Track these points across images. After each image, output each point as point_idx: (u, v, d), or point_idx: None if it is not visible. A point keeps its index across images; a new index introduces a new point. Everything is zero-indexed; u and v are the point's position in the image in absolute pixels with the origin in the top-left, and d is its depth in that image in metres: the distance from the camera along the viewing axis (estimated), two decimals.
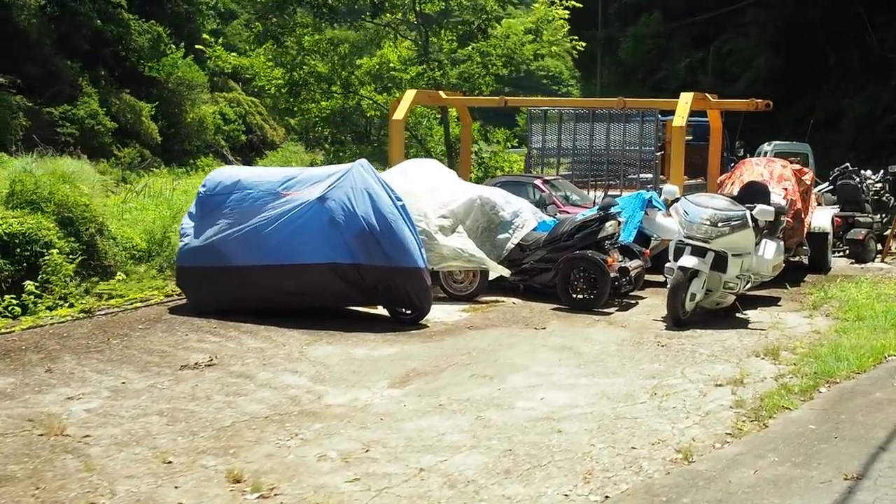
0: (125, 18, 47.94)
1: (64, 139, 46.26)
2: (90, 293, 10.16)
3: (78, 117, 47.98)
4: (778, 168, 12.03)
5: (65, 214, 11.05)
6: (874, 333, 8.85)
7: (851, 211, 14.42)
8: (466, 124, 16.47)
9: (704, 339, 8.79)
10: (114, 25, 51.12)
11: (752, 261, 9.86)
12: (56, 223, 10.88)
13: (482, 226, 10.89)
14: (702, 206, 9.54)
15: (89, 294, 10.11)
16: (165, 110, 57.88)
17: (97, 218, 11.58)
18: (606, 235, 10.56)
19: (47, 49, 46.46)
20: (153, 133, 56.07)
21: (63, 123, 46.96)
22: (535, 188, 13.38)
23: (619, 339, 8.75)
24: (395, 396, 6.84)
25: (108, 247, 11.36)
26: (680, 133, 12.85)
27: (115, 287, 10.56)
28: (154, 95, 55.52)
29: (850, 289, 11.31)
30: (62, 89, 47.77)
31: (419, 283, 9.06)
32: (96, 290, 10.39)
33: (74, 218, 11.18)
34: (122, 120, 54.25)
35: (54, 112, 46.03)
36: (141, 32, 51.77)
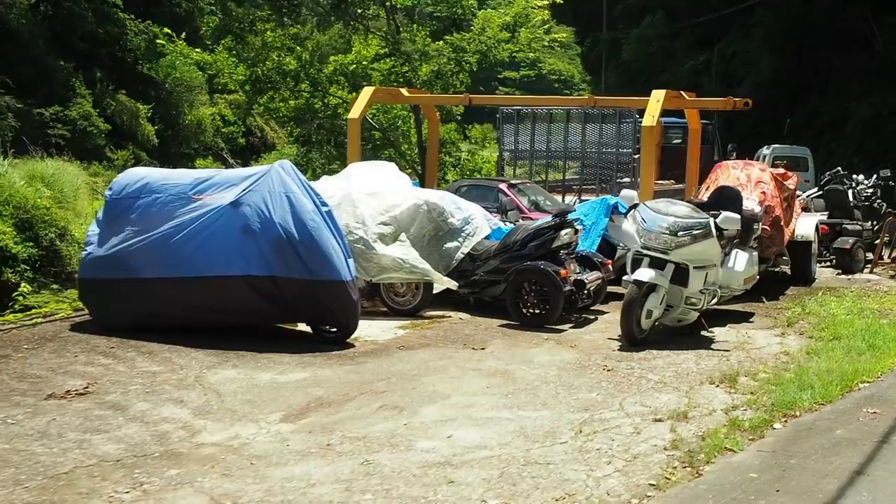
0: (121, 18, 47.25)
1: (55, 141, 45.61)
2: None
3: (70, 118, 47.28)
4: (756, 172, 11.11)
5: (22, 217, 10.39)
6: (848, 356, 7.94)
7: (839, 218, 13.44)
8: (433, 123, 15.56)
9: (658, 362, 7.87)
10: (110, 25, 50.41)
11: (718, 273, 8.93)
12: (13, 227, 10.29)
13: (429, 234, 10.00)
14: (661, 214, 8.62)
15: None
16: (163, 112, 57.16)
17: (58, 222, 10.91)
18: (562, 244, 9.65)
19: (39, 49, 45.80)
20: (150, 135, 55.38)
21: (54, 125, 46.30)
22: (500, 192, 12.46)
23: (563, 362, 7.84)
24: (283, 433, 5.95)
25: (72, 252, 10.64)
26: (650, 134, 11.92)
27: (33, 300, 9.74)
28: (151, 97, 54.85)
29: (831, 303, 10.37)
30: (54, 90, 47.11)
31: (344, 298, 8.17)
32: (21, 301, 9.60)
33: (33, 222, 10.57)
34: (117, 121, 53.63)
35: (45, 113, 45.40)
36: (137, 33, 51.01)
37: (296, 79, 18.17)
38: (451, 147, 19.24)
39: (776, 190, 11.09)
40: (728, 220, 8.58)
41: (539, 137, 14.37)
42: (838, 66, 39.53)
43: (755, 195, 10.74)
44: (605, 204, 10.69)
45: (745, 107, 12.78)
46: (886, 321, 9.55)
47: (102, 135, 50.53)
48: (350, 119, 13.63)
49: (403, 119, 18.90)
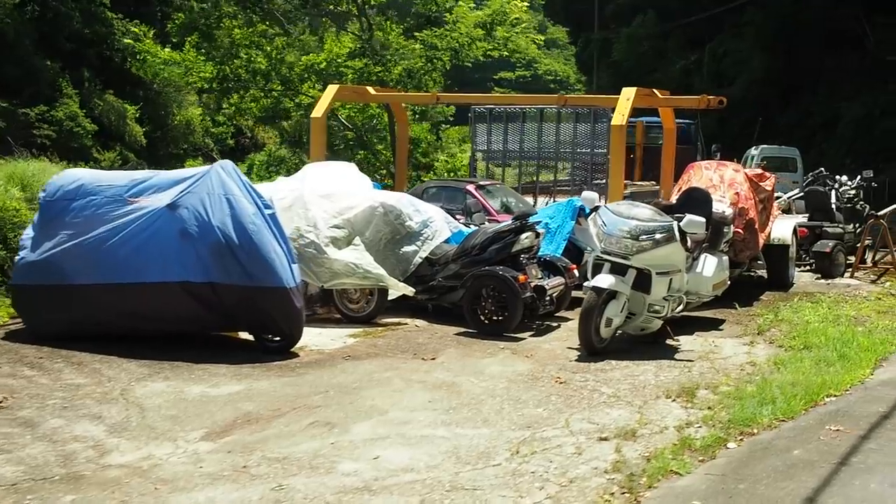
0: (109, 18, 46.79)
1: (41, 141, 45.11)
2: None
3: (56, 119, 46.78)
4: (729, 173, 10.70)
5: None
6: (817, 367, 7.53)
7: (820, 220, 13.02)
8: (403, 123, 15.13)
9: (615, 373, 7.46)
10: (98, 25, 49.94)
11: (683, 279, 8.52)
12: None
13: (385, 237, 9.58)
14: (622, 217, 8.22)
15: None
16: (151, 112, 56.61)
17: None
18: (522, 249, 9.24)
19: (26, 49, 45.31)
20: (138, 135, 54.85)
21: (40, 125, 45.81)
22: (467, 194, 12.05)
23: (515, 374, 7.43)
24: (199, 453, 5.54)
25: None
26: (619, 132, 11.50)
27: None
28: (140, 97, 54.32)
29: (806, 310, 9.97)
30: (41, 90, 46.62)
31: (286, 306, 7.76)
32: None
33: (2, 223, 10.17)
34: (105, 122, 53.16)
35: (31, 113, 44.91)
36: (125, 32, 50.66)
37: (266, 77, 17.75)
38: (426, 147, 18.81)
39: (751, 191, 10.69)
40: (692, 223, 8.17)
41: (512, 137, 13.95)
42: (830, 66, 39.13)
43: (728, 196, 10.34)
44: (572, 206, 10.28)
45: (720, 105, 12.38)
46: (862, 329, 9.15)
47: (89, 135, 50.01)
48: (313, 118, 13.21)
49: (379, 118, 18.47)
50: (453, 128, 20.07)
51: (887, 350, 8.31)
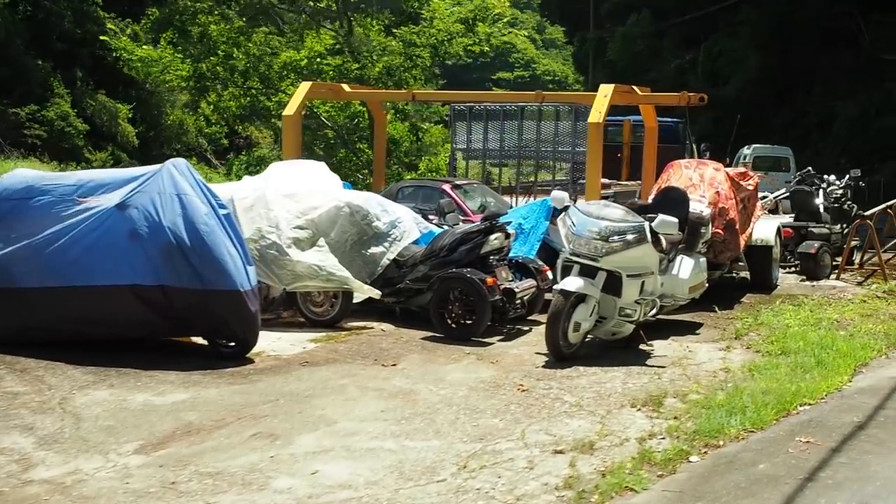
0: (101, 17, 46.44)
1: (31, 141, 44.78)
2: None
3: (47, 119, 46.44)
4: (709, 172, 10.39)
5: None
6: (793, 373, 7.23)
7: (805, 220, 12.70)
8: (380, 122, 14.83)
9: (581, 380, 7.15)
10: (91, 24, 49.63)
11: (656, 282, 8.21)
12: None
13: (352, 238, 9.27)
14: (591, 217, 7.90)
15: None
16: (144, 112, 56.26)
17: None
18: (492, 250, 8.93)
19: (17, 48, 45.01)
20: (130, 136, 54.53)
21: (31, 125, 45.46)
22: (443, 193, 11.73)
23: (477, 381, 7.11)
24: (130, 467, 5.23)
25: None
26: (596, 130, 11.19)
27: None
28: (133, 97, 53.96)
29: (787, 313, 9.67)
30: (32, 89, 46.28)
31: (240, 310, 7.45)
32: None
33: None
34: (97, 122, 52.78)
35: (21, 113, 44.56)
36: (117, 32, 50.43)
37: (244, 75, 17.43)
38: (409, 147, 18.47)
39: (731, 191, 10.38)
40: (664, 223, 7.85)
41: (492, 136, 13.64)
42: (825, 65, 38.82)
43: (708, 196, 10.04)
44: (546, 206, 9.96)
45: (701, 102, 12.08)
46: (843, 333, 8.85)
47: (81, 135, 49.71)
48: (285, 116, 12.90)
49: (361, 117, 18.15)
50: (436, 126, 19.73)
51: (868, 356, 8.01)
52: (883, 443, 5.68)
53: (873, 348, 8.24)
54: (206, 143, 56.62)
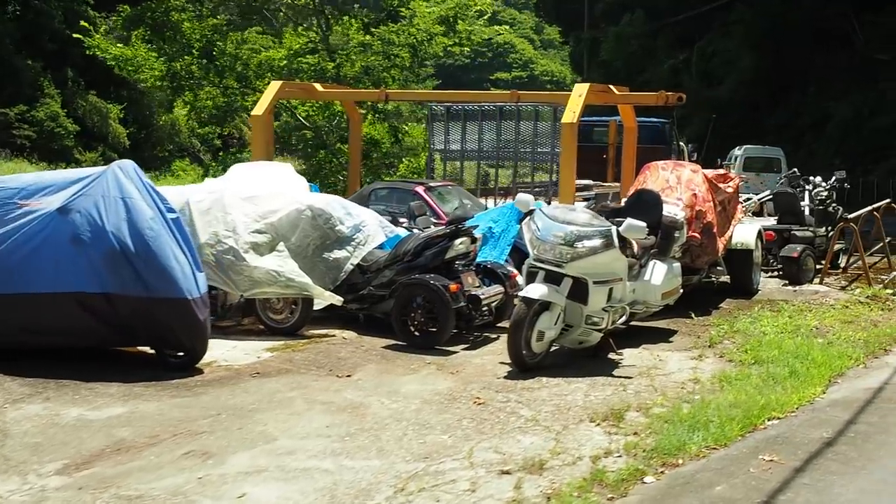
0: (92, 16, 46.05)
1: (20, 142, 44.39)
2: None
3: (37, 119, 46.14)
4: (686, 173, 10.08)
5: None
6: (764, 385, 6.93)
7: (789, 223, 12.38)
8: (355, 123, 14.52)
9: (542, 392, 6.83)
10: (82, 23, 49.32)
11: (625, 289, 7.89)
12: None
13: (314, 243, 8.95)
14: (556, 222, 7.59)
15: None
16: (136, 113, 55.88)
17: None
18: (457, 255, 8.61)
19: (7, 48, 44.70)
20: (121, 136, 54.18)
21: (20, 125, 45.10)
22: (416, 195, 11.41)
23: (433, 393, 6.80)
24: (47, 489, 4.92)
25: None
26: (570, 131, 10.86)
27: None
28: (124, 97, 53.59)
29: (765, 319, 9.35)
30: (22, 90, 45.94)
31: (188, 318, 7.13)
32: None
33: None
34: (88, 122, 52.42)
35: (10, 113, 44.21)
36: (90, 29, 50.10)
37: (220, 74, 17.09)
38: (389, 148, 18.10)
39: (709, 193, 10.06)
40: (632, 228, 7.53)
41: (470, 136, 13.32)
42: (819, 65, 38.53)
43: (685, 198, 9.73)
44: (517, 209, 9.61)
45: (679, 102, 11.76)
46: (822, 341, 8.54)
47: (70, 136, 49.36)
48: (254, 115, 12.58)
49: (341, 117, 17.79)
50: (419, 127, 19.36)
51: (845, 365, 7.71)
52: (850, 461, 5.38)
53: (851, 357, 7.94)
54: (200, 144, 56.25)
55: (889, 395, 6.91)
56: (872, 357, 8.15)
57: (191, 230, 8.52)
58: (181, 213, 8.56)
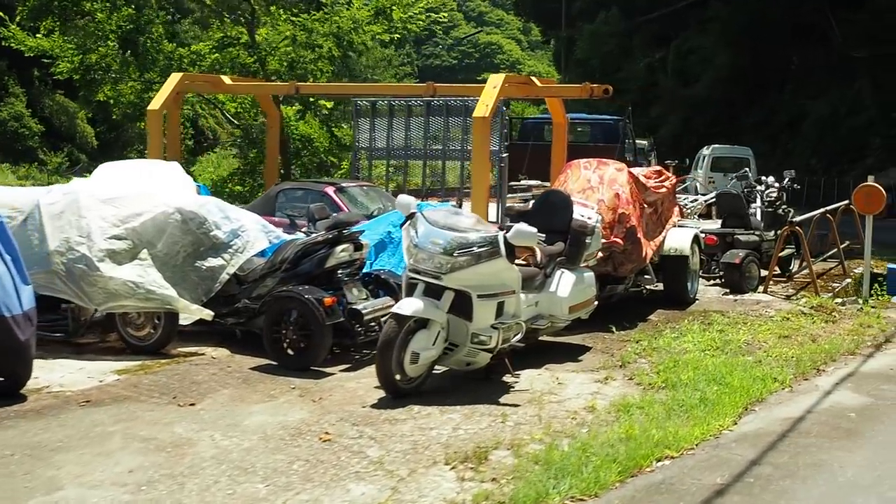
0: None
1: None
2: None
3: None
4: (611, 172, 9.17)
5: None
6: (668, 414, 6.03)
7: (733, 226, 11.47)
8: (272, 118, 13.59)
9: (405, 426, 5.89)
10: None
11: (519, 302, 6.97)
12: None
13: (185, 250, 7.99)
14: (436, 227, 6.66)
15: None
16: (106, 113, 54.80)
17: None
18: (339, 263, 7.67)
19: None
20: (89, 136, 53.08)
21: None
22: (324, 196, 10.47)
23: (278, 427, 5.85)
24: None
25: None
26: (482, 126, 9.93)
27: None
28: None
29: (691, 334, 8.45)
30: None
31: (7, 339, 6.19)
32: None
33: None
34: (55, 122, 51.30)
35: None
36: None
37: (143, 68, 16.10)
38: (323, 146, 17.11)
39: (635, 194, 9.16)
40: (521, 234, 6.60)
41: (397, 133, 12.38)
42: (796, 63, 37.75)
43: (607, 199, 8.83)
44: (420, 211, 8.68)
45: (605, 94, 10.84)
46: (750, 359, 7.66)
47: (35, 136, 48.24)
48: (150, 111, 11.62)
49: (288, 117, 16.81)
50: None
51: (767, 389, 6.82)
52: None
53: (777, 379, 7.05)
54: None
55: (807, 428, 5.99)
56: (802, 378, 7.25)
57: (39, 236, 7.60)
58: (30, 217, 7.65)
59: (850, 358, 7.98)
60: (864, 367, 7.66)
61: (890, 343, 8.59)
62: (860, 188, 10.64)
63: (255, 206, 10.75)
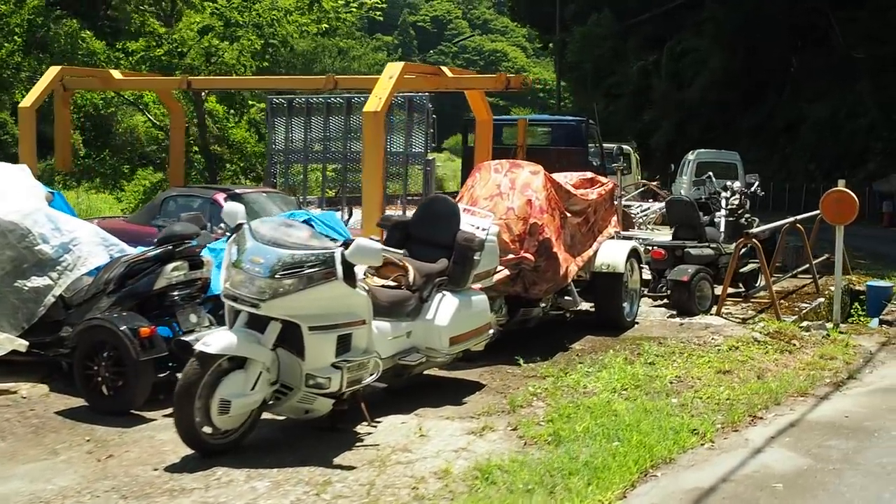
0: None
1: None
2: None
3: None
4: (524, 176, 7.84)
5: None
6: (538, 485, 4.73)
7: (684, 238, 10.08)
8: (176, 115, 12.33)
9: (185, 501, 4.54)
10: None
11: (369, 334, 5.63)
12: None
13: (4, 267, 6.73)
14: (261, 242, 5.32)
15: None
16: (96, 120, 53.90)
17: None
18: (171, 285, 6.34)
19: None
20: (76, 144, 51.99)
21: None
22: (213, 204, 9.17)
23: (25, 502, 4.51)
24: None
25: None
26: (375, 122, 8.58)
27: None
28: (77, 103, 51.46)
29: (611, 368, 7.11)
30: None
31: None
32: None
33: None
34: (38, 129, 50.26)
35: None
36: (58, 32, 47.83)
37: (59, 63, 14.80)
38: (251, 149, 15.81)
39: (554, 201, 7.81)
40: (362, 251, 5.26)
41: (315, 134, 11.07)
42: (796, 64, 36.31)
43: (517, 207, 7.50)
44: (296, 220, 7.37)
45: (523, 86, 9.50)
46: (675, 402, 6.29)
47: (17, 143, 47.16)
48: (21, 108, 10.38)
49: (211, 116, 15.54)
50: None
51: (682, 444, 5.47)
52: None
53: (696, 431, 5.68)
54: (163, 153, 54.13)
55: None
56: (731, 429, 5.87)
57: None
58: None
59: (799, 401, 6.59)
60: (813, 414, 6.26)
61: (853, 381, 7.20)
62: (829, 194, 9.28)
63: (140, 215, 9.49)
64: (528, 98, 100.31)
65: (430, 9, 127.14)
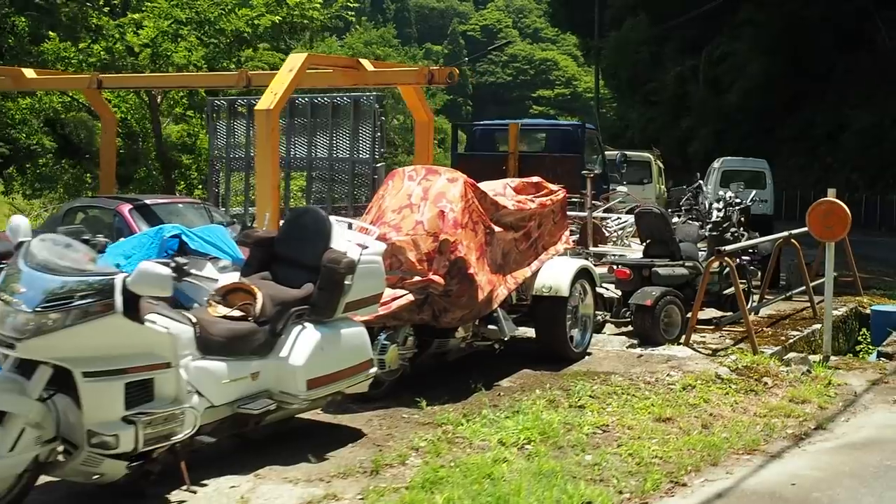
0: None
1: None
2: None
3: None
4: (439, 184, 6.71)
5: None
6: None
7: (654, 255, 8.79)
8: (106, 119, 11.42)
9: None
10: None
11: (176, 380, 4.55)
12: None
13: None
14: (27, 266, 4.28)
15: None
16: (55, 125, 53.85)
17: None
18: None
19: None
20: None
21: None
22: (117, 216, 8.21)
23: None
24: None
25: None
26: (267, 120, 7.49)
27: None
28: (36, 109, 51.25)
29: (526, 413, 5.93)
30: None
31: None
32: None
33: None
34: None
35: None
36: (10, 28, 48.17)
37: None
38: None
39: (476, 213, 6.66)
40: (145, 278, 4.19)
41: None
42: (839, 69, 34.45)
43: (426, 220, 6.39)
44: (160, 237, 6.36)
45: (449, 80, 8.34)
46: (587, 461, 5.08)
47: None
48: None
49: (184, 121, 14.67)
50: None
51: None
52: None
53: None
54: None
55: None
56: (638, 501, 4.63)
57: None
58: None
59: (744, 460, 5.34)
60: (752, 480, 5.00)
61: (821, 432, 5.91)
62: (816, 206, 7.96)
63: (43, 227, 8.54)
64: (575, 106, 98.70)
65: (481, 18, 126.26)
